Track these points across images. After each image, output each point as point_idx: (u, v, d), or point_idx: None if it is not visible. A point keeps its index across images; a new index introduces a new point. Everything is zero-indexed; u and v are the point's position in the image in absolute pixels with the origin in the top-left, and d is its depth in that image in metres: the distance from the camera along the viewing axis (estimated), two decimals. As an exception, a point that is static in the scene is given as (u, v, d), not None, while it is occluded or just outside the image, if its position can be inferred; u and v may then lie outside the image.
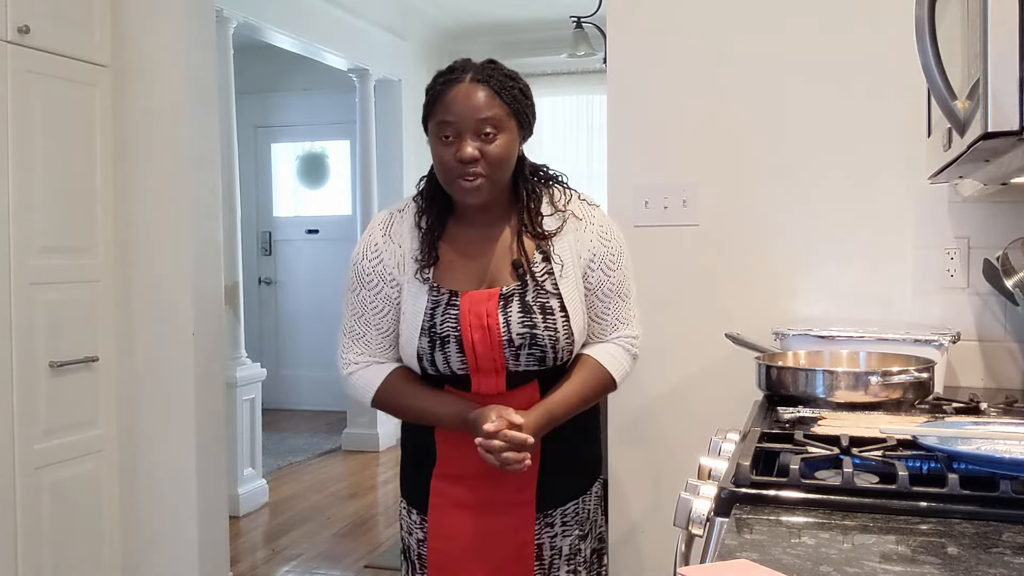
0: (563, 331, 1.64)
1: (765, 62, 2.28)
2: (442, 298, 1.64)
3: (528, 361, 1.63)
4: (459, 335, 1.61)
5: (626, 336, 1.73)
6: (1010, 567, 0.92)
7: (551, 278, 1.65)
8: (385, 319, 1.69)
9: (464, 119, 1.57)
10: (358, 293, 1.70)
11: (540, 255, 1.67)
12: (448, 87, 1.60)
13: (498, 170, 1.61)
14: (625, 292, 1.73)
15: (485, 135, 1.58)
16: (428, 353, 1.63)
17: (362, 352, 1.71)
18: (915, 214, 2.20)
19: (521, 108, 1.63)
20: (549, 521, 1.72)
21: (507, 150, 1.61)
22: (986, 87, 1.05)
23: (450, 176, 1.60)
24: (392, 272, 1.68)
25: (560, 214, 1.69)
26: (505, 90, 1.60)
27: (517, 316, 1.62)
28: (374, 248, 1.69)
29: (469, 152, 1.57)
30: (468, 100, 1.58)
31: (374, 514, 4.47)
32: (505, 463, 1.55)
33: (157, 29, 2.84)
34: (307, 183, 7.03)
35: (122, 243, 2.88)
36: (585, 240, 1.68)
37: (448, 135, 1.59)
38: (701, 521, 1.16)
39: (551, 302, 1.64)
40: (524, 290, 1.64)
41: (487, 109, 1.58)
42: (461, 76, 1.60)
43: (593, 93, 6.05)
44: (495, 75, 1.61)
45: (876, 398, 1.66)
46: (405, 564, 1.80)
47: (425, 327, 1.63)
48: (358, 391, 1.72)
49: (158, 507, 2.92)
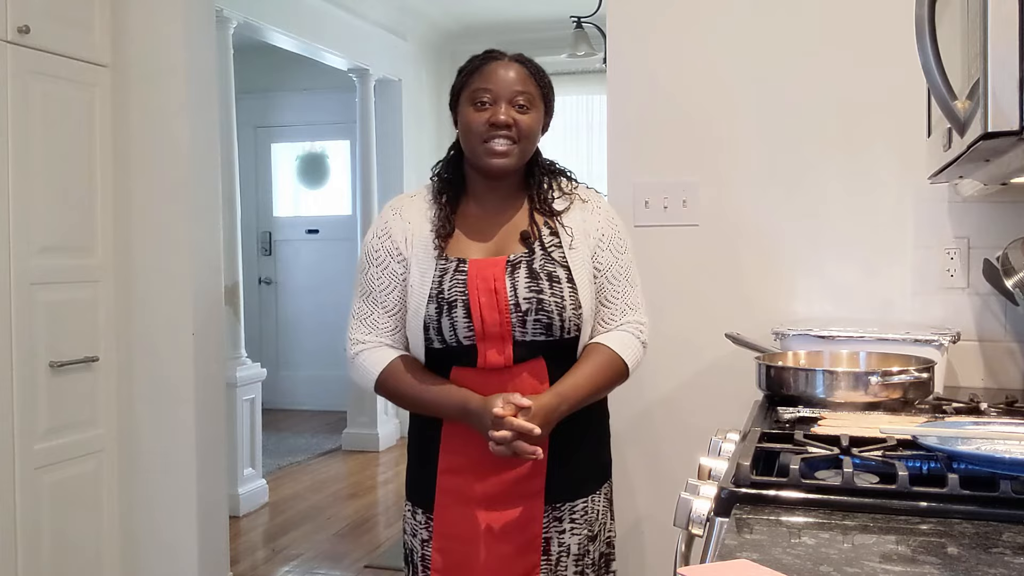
0: (570, 300, 1.66)
1: (765, 62, 2.28)
2: (450, 265, 1.68)
3: (535, 329, 1.64)
4: (466, 299, 1.64)
5: (635, 322, 1.75)
6: (1010, 567, 0.91)
7: (559, 250, 1.70)
8: (391, 296, 1.71)
9: (502, 87, 1.68)
10: (366, 272, 1.74)
11: (548, 229, 1.72)
12: (488, 62, 1.71)
13: (526, 141, 1.70)
14: (633, 278, 1.77)
15: (520, 107, 1.68)
16: (435, 320, 1.65)
17: (369, 332, 1.72)
18: (915, 214, 2.21)
19: (549, 95, 1.76)
20: (558, 516, 1.71)
21: (536, 125, 1.72)
22: (986, 87, 1.05)
23: (480, 140, 1.68)
24: (399, 246, 1.71)
25: (568, 196, 1.77)
26: (539, 74, 1.74)
27: (524, 282, 1.65)
28: (384, 226, 1.75)
29: (504, 116, 1.66)
30: (507, 73, 1.69)
31: (374, 514, 4.47)
32: (516, 452, 1.56)
33: (157, 29, 2.85)
34: (307, 183, 7.03)
35: (122, 243, 2.88)
36: (593, 220, 1.74)
37: (484, 100, 1.68)
38: (701, 521, 1.16)
39: (558, 271, 1.67)
40: (531, 258, 1.68)
41: (523, 84, 1.69)
42: (500, 56, 1.72)
43: (593, 93, 6.05)
44: (530, 61, 1.75)
45: (876, 398, 1.66)
46: (408, 569, 1.79)
47: (433, 294, 1.66)
48: (362, 373, 1.72)
49: (158, 507, 2.92)
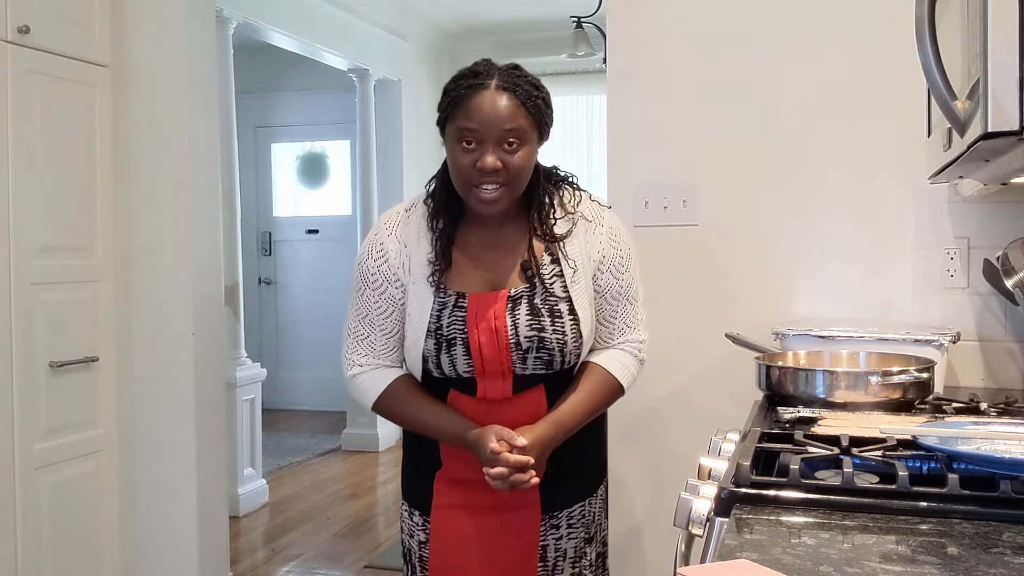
0: (572, 334, 1.62)
1: (765, 62, 2.28)
2: (449, 300, 1.62)
3: (535, 365, 1.61)
4: (466, 337, 1.59)
5: (633, 341, 1.72)
6: (1010, 567, 0.91)
7: (560, 280, 1.63)
8: (389, 320, 1.67)
9: (488, 128, 1.53)
10: (362, 293, 1.68)
11: (549, 257, 1.65)
12: (472, 92, 1.54)
13: (517, 181, 1.58)
14: (633, 295, 1.71)
15: (508, 145, 1.54)
16: (434, 355, 1.62)
17: (366, 354, 1.69)
18: (915, 214, 2.20)
19: (543, 119, 1.60)
20: (555, 523, 1.70)
21: (528, 161, 1.59)
22: (986, 87, 1.05)
23: (468, 184, 1.57)
24: (397, 272, 1.65)
25: (570, 217, 1.67)
26: (530, 100, 1.56)
27: (525, 319, 1.60)
28: (379, 248, 1.67)
29: (491, 162, 1.53)
30: (493, 109, 1.53)
31: (374, 514, 4.47)
32: (513, 485, 1.53)
33: (157, 29, 2.85)
34: (307, 183, 7.03)
35: (122, 243, 2.88)
36: (595, 242, 1.66)
37: (470, 141, 1.55)
38: (701, 521, 1.16)
39: (560, 305, 1.62)
40: (532, 292, 1.62)
41: (511, 120, 1.54)
42: (486, 82, 1.55)
43: (593, 93, 6.05)
44: (520, 83, 1.56)
45: (876, 398, 1.66)
46: (407, 568, 1.78)
47: (431, 329, 1.61)
48: (360, 394, 1.70)
49: (158, 507, 2.92)
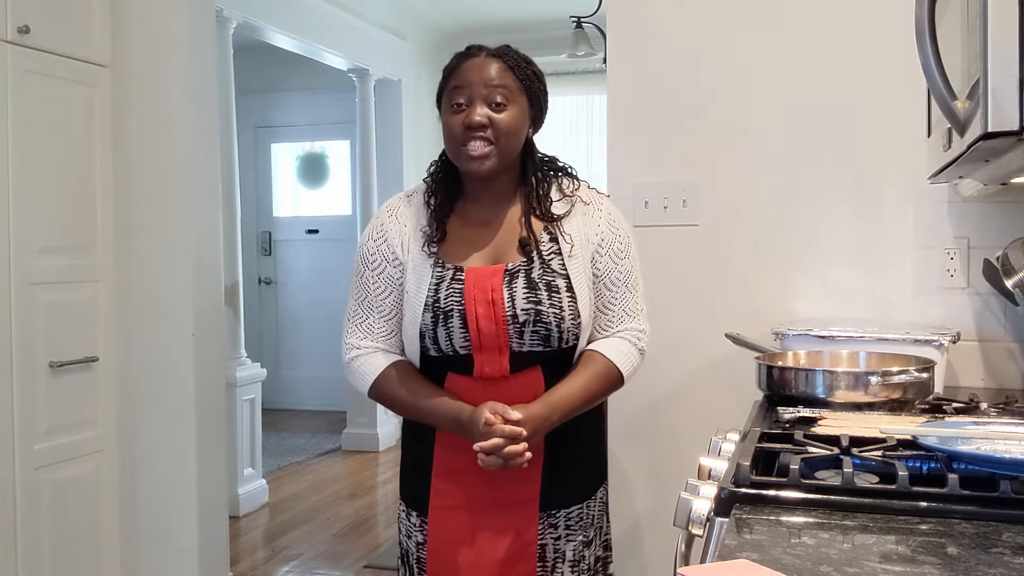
0: (569, 311, 1.62)
1: (765, 62, 2.28)
2: (447, 273, 1.64)
3: (532, 340, 1.61)
4: (463, 309, 1.60)
5: (633, 329, 1.71)
6: (1010, 567, 0.91)
7: (558, 258, 1.65)
8: (387, 301, 1.69)
9: (475, 86, 1.60)
10: (362, 275, 1.71)
11: (548, 235, 1.67)
12: (463, 60, 1.65)
13: (505, 139, 1.61)
14: (633, 283, 1.72)
15: (496, 104, 1.61)
16: (431, 329, 1.62)
17: (364, 337, 1.69)
18: (915, 214, 2.20)
19: (533, 87, 1.66)
20: (553, 523, 1.70)
21: (516, 122, 1.63)
22: (986, 87, 1.05)
23: (458, 144, 1.62)
24: (395, 250, 1.68)
25: (568, 199, 1.70)
26: (519, 67, 1.65)
27: (522, 292, 1.61)
28: (380, 228, 1.71)
29: (478, 117, 1.59)
30: (481, 70, 1.62)
31: (374, 514, 4.47)
32: (506, 459, 1.53)
33: (157, 29, 2.85)
34: (307, 183, 7.03)
35: (122, 243, 2.88)
36: (593, 224, 1.69)
37: (460, 102, 1.61)
38: (701, 521, 1.16)
39: (557, 281, 1.63)
40: (530, 267, 1.64)
41: (499, 78, 1.61)
42: (477, 52, 1.65)
43: (593, 93, 6.06)
44: (510, 53, 1.66)
45: (876, 398, 1.66)
46: (404, 570, 1.78)
47: (429, 302, 1.62)
48: (357, 378, 1.70)
49: (158, 507, 2.92)
